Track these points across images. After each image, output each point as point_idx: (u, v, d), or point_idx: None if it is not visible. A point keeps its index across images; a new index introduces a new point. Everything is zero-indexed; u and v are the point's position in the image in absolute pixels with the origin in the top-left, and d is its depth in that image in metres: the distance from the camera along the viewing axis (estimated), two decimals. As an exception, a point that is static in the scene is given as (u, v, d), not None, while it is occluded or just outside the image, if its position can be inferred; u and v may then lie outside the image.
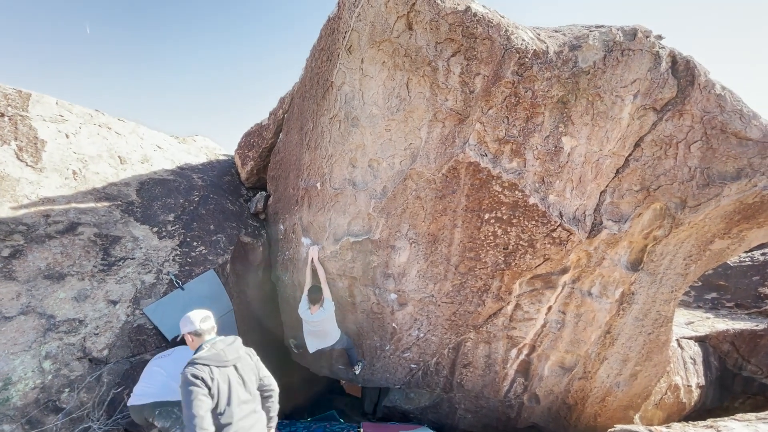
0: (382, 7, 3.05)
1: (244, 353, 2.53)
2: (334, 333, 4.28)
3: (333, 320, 4.21)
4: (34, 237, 3.65)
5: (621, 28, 3.19)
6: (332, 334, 4.28)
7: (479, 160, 3.31)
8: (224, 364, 2.32)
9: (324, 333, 4.24)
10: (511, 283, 4.05)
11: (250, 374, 2.46)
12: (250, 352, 2.61)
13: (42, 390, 3.00)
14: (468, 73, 3.12)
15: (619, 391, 4.73)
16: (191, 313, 2.50)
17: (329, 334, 4.26)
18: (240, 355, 2.45)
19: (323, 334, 4.25)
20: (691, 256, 3.93)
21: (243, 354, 2.50)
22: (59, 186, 4.13)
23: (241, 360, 2.44)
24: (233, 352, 2.41)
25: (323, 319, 4.11)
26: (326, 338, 4.28)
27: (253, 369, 2.53)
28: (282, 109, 5.08)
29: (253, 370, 2.52)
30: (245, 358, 2.50)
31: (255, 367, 2.56)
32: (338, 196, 3.99)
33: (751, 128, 3.24)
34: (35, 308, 3.32)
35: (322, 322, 4.11)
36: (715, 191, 3.38)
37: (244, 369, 2.43)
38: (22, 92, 4.46)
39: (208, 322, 2.51)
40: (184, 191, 5.08)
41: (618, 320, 4.29)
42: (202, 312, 2.56)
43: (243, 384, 2.38)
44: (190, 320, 2.47)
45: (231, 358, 2.37)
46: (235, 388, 2.30)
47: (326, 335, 4.25)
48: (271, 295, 5.43)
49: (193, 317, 2.48)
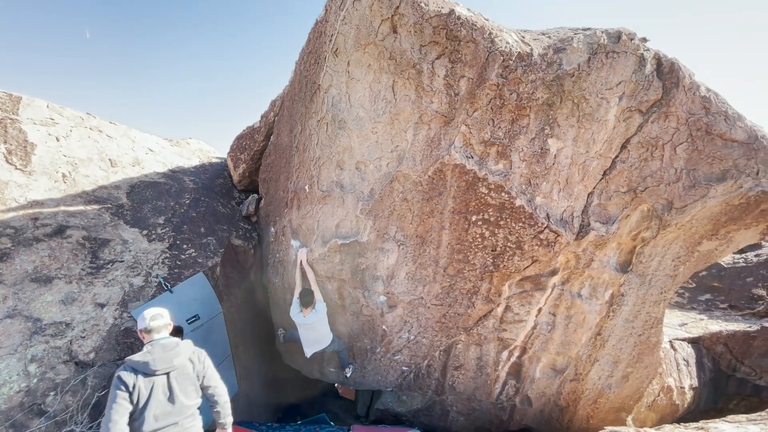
0: (366, 10, 3.07)
1: (185, 360, 2.40)
2: (327, 335, 4.29)
3: (325, 322, 4.21)
4: (22, 240, 3.65)
5: (605, 31, 3.20)
6: (326, 336, 4.28)
7: (465, 162, 3.32)
8: (151, 373, 2.25)
9: (318, 336, 4.24)
10: (500, 284, 4.05)
11: (184, 384, 2.35)
12: (196, 359, 2.48)
13: (27, 393, 2.99)
14: (453, 76, 3.13)
15: (611, 392, 4.72)
16: (146, 310, 2.50)
17: (323, 336, 4.27)
18: (174, 365, 2.33)
19: (317, 337, 4.25)
20: (680, 257, 3.93)
21: (182, 362, 2.38)
22: (48, 189, 4.13)
23: (176, 369, 2.33)
24: (166, 361, 2.30)
25: (315, 321, 4.11)
26: (321, 341, 4.28)
27: (191, 378, 2.40)
28: (273, 112, 5.09)
29: (191, 379, 2.40)
30: (183, 367, 2.38)
31: (195, 376, 2.43)
32: (326, 199, 3.99)
33: (736, 130, 3.24)
34: (21, 311, 3.31)
35: (314, 324, 4.11)
36: (701, 193, 3.39)
37: (178, 378, 2.33)
38: (13, 96, 4.46)
39: (158, 320, 2.45)
40: (175, 194, 5.08)
41: (608, 322, 4.29)
42: (156, 310, 2.52)
43: (169, 395, 2.28)
44: (142, 317, 2.46)
45: (161, 367, 2.27)
46: (156, 399, 2.23)
47: (320, 338, 4.26)
48: (262, 297, 5.43)
49: (146, 314, 2.46)
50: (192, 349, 2.51)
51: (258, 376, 5.51)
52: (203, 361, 2.51)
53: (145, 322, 2.44)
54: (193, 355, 2.47)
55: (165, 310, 2.59)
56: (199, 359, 2.49)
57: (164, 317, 2.52)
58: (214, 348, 4.23)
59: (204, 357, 2.54)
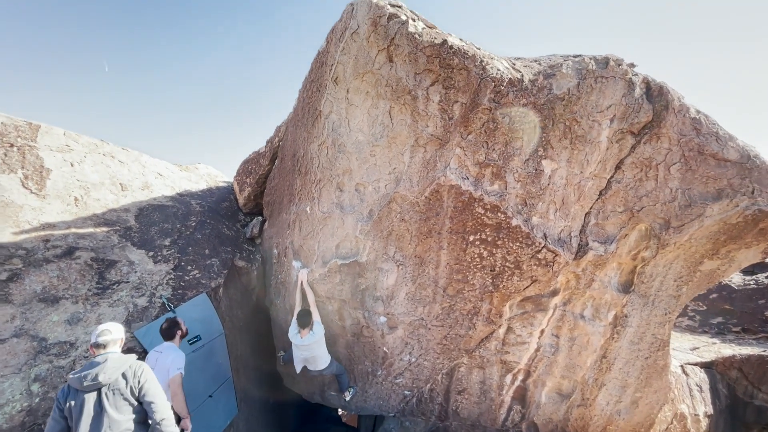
0: (364, 41, 3.25)
1: (115, 376, 2.34)
2: (324, 357, 4.25)
3: (323, 344, 4.19)
4: (32, 261, 3.77)
5: (593, 57, 3.34)
6: (322, 358, 4.25)
7: (460, 183, 3.40)
8: (83, 389, 2.26)
9: (314, 358, 4.21)
10: (500, 305, 4.04)
11: (115, 400, 2.30)
12: (131, 374, 2.39)
13: (29, 413, 3.02)
14: (447, 101, 3.26)
15: (621, 419, 4.57)
16: (99, 325, 2.55)
17: (319, 358, 4.23)
18: (100, 381, 2.28)
19: (313, 359, 4.22)
20: (682, 277, 3.89)
21: (110, 378, 2.31)
22: (60, 212, 4.29)
23: (105, 385, 2.30)
24: (91, 377, 2.27)
25: (312, 344, 4.10)
26: (316, 363, 4.25)
27: (124, 394, 2.34)
28: (278, 137, 5.28)
29: (124, 395, 2.34)
30: (115, 382, 2.33)
31: (129, 391, 2.36)
32: (326, 220, 4.08)
33: (728, 150, 3.29)
34: (28, 331, 3.39)
35: (311, 346, 4.10)
36: (698, 211, 3.40)
37: (109, 394, 2.30)
38: (32, 124, 4.72)
39: (105, 336, 2.44)
40: (182, 216, 5.22)
41: (613, 344, 4.21)
42: (107, 325, 2.52)
43: (99, 411, 2.25)
44: (93, 332, 2.48)
45: (88, 383, 2.26)
46: (87, 414, 2.22)
47: (316, 360, 4.23)
48: (265, 319, 5.44)
49: (96, 329, 2.48)
50: (129, 364, 2.42)
51: (259, 399, 5.45)
52: (139, 376, 2.41)
53: (92, 338, 2.45)
54: (128, 370, 2.39)
55: (117, 325, 2.58)
56: (135, 374, 2.40)
57: (112, 333, 2.50)
58: (216, 369, 4.23)
59: (141, 372, 2.43)
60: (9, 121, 4.55)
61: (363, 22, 3.20)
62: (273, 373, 5.61)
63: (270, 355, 5.46)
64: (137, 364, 2.46)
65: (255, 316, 5.34)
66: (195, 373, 3.91)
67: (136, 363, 2.47)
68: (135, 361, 2.47)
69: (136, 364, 2.45)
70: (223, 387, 4.28)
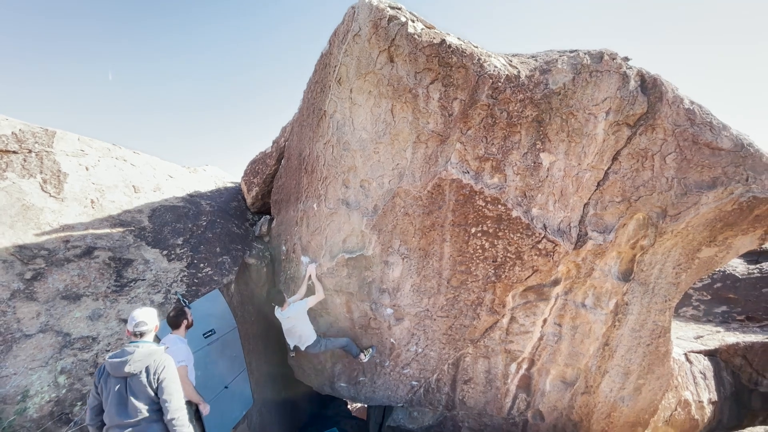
0: (365, 43, 3.38)
1: (139, 368, 2.41)
2: (308, 334, 4.45)
3: (304, 320, 4.40)
4: (55, 261, 3.96)
5: (588, 52, 3.44)
6: (306, 334, 4.45)
7: (461, 177, 3.52)
8: (114, 374, 2.40)
9: (297, 333, 4.43)
10: (503, 295, 4.15)
11: (137, 391, 2.39)
12: (153, 369, 2.44)
13: (56, 403, 3.20)
14: (446, 98, 3.39)
15: (625, 406, 4.67)
16: (135, 312, 2.63)
17: (304, 334, 4.44)
18: (125, 371, 2.38)
19: (298, 336, 4.44)
20: (681, 264, 3.98)
21: (134, 369, 2.39)
22: (78, 214, 4.48)
23: (133, 377, 2.39)
24: (126, 366, 2.38)
25: (292, 317, 4.32)
26: (302, 339, 4.45)
27: (143, 390, 2.41)
28: (283, 137, 5.44)
29: (143, 391, 2.41)
30: (139, 374, 2.40)
31: (147, 384, 2.42)
32: (333, 216, 4.23)
33: (722, 139, 3.38)
34: (53, 326, 3.57)
35: (292, 319, 4.33)
36: (693, 200, 3.49)
37: (133, 384, 2.39)
38: (48, 130, 4.91)
39: (141, 327, 2.56)
40: (193, 216, 5.39)
41: (615, 332, 4.31)
42: (144, 315, 2.61)
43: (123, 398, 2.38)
44: (130, 317, 2.61)
45: (115, 371, 2.39)
46: (112, 398, 2.37)
47: (301, 336, 4.44)
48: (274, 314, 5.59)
49: (134, 318, 2.59)
50: (153, 357, 2.47)
51: (271, 392, 5.62)
52: (160, 373, 2.45)
53: (130, 324, 2.59)
54: (152, 364, 2.45)
55: (152, 313, 2.68)
56: (157, 370, 2.44)
57: (148, 324, 2.61)
58: (230, 361, 4.40)
59: (163, 369, 2.46)
60: (26, 127, 4.74)
61: (364, 25, 3.33)
62: (284, 366, 5.77)
63: (281, 348, 5.62)
64: (162, 358, 2.51)
65: (264, 311, 5.51)
66: (210, 365, 4.08)
67: (161, 358, 2.51)
68: (160, 355, 2.52)
69: (161, 359, 2.50)
70: (239, 378, 4.45)
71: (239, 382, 4.46)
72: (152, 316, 2.69)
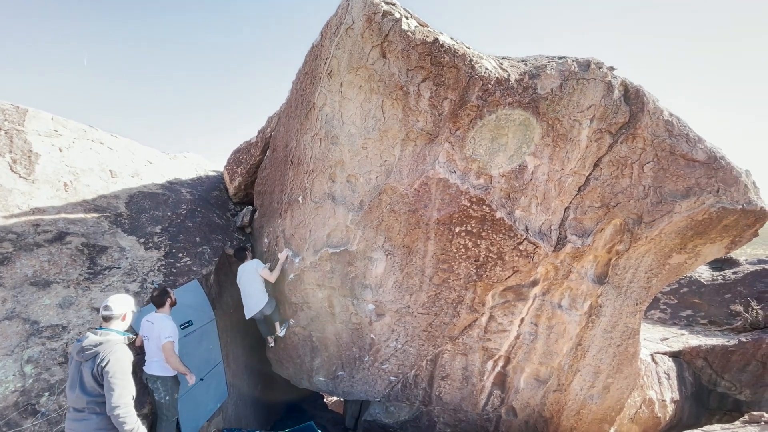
0: (358, 37, 3.35)
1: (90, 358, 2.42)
2: (258, 294, 4.57)
3: (257, 281, 4.54)
4: (23, 245, 3.78)
5: (576, 60, 3.52)
6: (257, 295, 4.56)
7: (448, 177, 3.56)
8: (74, 357, 2.47)
9: (248, 290, 4.57)
10: (483, 294, 4.23)
11: (86, 382, 2.42)
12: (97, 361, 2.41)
13: (22, 393, 3.07)
14: (437, 97, 3.40)
15: (593, 403, 4.85)
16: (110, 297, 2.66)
17: (254, 294, 4.56)
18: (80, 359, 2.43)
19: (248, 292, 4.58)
20: (652, 269, 4.15)
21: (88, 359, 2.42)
22: (50, 197, 4.29)
23: (84, 364, 2.43)
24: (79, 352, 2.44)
25: (246, 272, 4.53)
26: (252, 298, 4.57)
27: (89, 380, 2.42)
28: (270, 127, 5.34)
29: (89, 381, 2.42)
30: (89, 364, 2.42)
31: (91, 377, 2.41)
32: (318, 210, 4.20)
33: (697, 151, 3.54)
34: (20, 314, 3.42)
35: (246, 275, 4.53)
36: (668, 208, 3.65)
37: (82, 373, 2.43)
38: (20, 108, 4.67)
39: (105, 311, 2.60)
40: (173, 204, 5.25)
41: (588, 332, 4.46)
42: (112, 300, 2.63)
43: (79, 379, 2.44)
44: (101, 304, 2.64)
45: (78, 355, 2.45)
46: (70, 378, 2.49)
47: (252, 295, 4.56)
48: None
49: (104, 301, 2.63)
50: (103, 347, 2.44)
51: (247, 385, 5.56)
52: (104, 366, 2.40)
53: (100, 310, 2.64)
54: (99, 355, 2.42)
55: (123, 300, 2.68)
56: (101, 363, 2.40)
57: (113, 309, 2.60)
58: (207, 354, 4.32)
59: (107, 363, 2.41)
60: (-5, 104, 4.50)
61: (358, 18, 3.30)
62: (262, 359, 5.72)
63: (259, 342, 5.56)
64: (109, 350, 2.44)
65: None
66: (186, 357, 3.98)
67: (110, 349, 2.45)
68: (111, 346, 2.46)
69: (109, 350, 2.44)
70: (214, 371, 4.38)
71: (215, 375, 4.39)
72: (122, 303, 2.67)
